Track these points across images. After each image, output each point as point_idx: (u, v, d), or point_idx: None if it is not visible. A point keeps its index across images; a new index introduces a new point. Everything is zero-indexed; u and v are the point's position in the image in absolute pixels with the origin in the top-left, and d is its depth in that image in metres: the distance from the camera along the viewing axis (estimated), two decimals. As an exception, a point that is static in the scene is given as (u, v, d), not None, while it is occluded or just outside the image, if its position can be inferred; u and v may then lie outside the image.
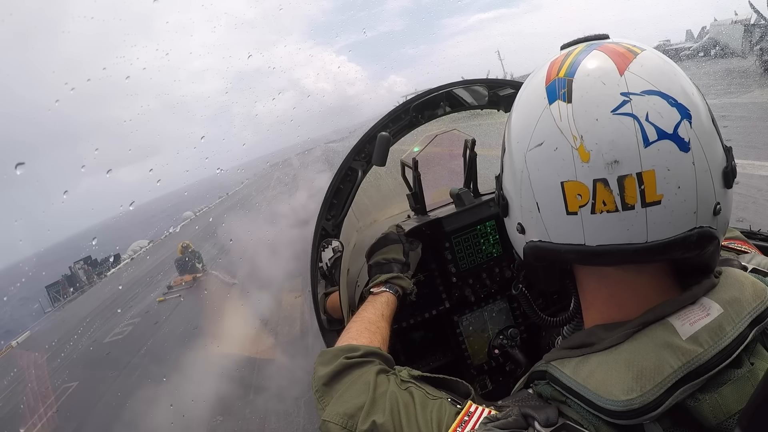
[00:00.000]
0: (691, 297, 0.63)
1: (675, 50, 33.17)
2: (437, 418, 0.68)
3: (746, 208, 6.41)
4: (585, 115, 0.59)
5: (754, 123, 11.51)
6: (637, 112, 0.57)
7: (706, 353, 0.57)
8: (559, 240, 0.64)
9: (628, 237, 0.58)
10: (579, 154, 0.58)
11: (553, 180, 0.61)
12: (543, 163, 0.62)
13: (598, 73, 0.61)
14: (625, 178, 0.57)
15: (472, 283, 1.68)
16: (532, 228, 0.68)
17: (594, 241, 0.60)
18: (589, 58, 0.63)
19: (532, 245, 0.68)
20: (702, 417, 0.57)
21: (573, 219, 0.60)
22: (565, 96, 0.61)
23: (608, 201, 0.58)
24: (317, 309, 1.44)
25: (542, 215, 0.64)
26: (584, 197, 0.59)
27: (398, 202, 1.99)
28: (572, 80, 0.62)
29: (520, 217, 0.70)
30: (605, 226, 0.59)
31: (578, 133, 0.59)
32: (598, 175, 0.58)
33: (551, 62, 0.68)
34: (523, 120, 0.67)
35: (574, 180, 0.59)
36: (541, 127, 0.63)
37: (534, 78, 0.70)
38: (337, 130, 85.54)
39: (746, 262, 0.79)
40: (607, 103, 0.58)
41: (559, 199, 0.61)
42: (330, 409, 0.79)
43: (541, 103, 0.64)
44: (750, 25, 24.46)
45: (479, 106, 1.55)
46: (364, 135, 1.46)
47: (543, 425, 0.59)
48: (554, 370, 0.65)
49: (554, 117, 0.61)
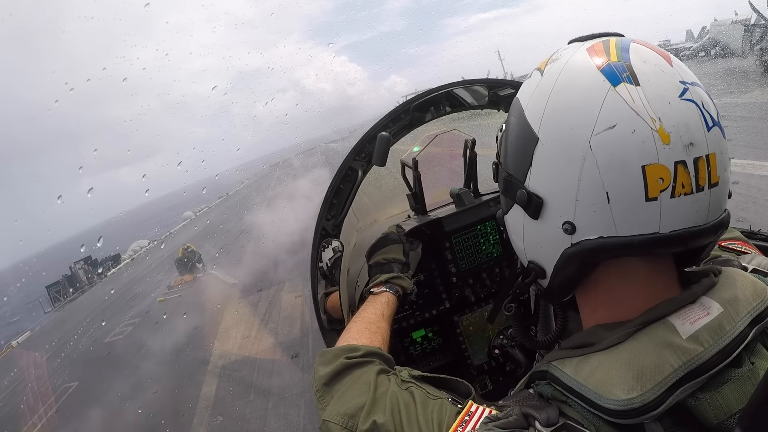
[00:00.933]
0: (691, 296, 0.63)
1: (675, 50, 33.17)
2: (438, 417, 0.68)
3: (746, 208, 6.41)
4: (658, 98, 0.58)
5: (754, 123, 11.51)
6: (696, 99, 0.59)
7: (707, 352, 0.57)
8: (630, 232, 0.59)
9: (695, 219, 0.60)
10: (660, 135, 0.57)
11: (633, 164, 0.57)
12: (618, 147, 0.58)
13: (654, 61, 0.61)
14: (699, 160, 0.58)
15: (473, 283, 1.68)
16: (592, 224, 0.61)
17: (668, 227, 0.59)
18: (634, 48, 0.63)
19: (591, 244, 0.61)
20: (702, 416, 0.57)
21: (651, 206, 0.58)
22: (630, 79, 0.59)
23: (686, 183, 0.58)
24: (317, 309, 1.44)
25: (612, 206, 0.59)
26: (666, 180, 0.57)
27: (398, 202, 1.99)
28: (631, 65, 0.60)
29: (571, 215, 0.62)
30: (680, 210, 0.58)
31: (656, 115, 0.57)
32: (678, 157, 0.57)
33: (587, 49, 0.65)
34: (576, 103, 0.61)
35: (656, 163, 0.57)
36: (609, 109, 0.58)
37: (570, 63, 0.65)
38: (338, 130, 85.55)
39: (746, 263, 0.79)
40: (674, 88, 0.59)
41: (639, 185, 0.57)
42: (330, 408, 0.79)
43: (601, 86, 0.60)
44: (750, 25, 24.47)
45: (479, 106, 1.56)
46: (365, 135, 1.46)
47: (544, 425, 0.59)
48: (555, 370, 0.65)
49: (625, 99, 0.58)
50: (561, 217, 0.63)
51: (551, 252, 0.67)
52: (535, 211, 0.66)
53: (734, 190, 0.66)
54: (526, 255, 0.74)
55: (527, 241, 0.72)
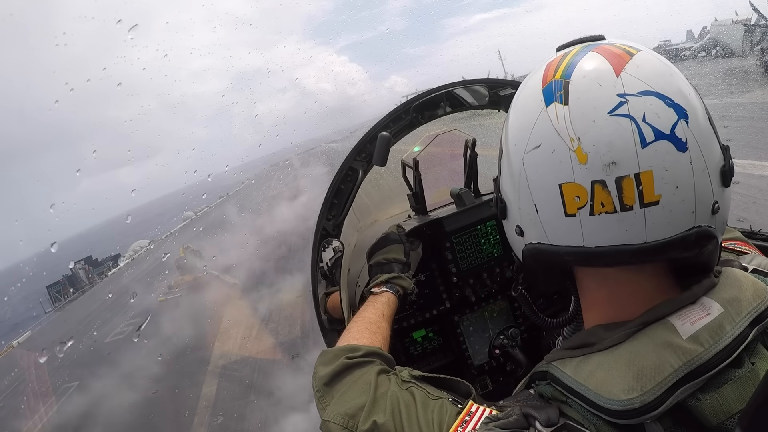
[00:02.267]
0: (691, 296, 0.63)
1: (676, 50, 33.18)
2: (438, 418, 0.68)
3: (747, 208, 6.41)
4: (582, 116, 0.59)
5: (755, 123, 11.51)
6: (634, 113, 0.57)
7: (707, 353, 0.57)
8: (558, 242, 0.64)
9: (627, 238, 0.59)
10: (576, 155, 0.59)
11: (551, 182, 0.61)
12: (541, 166, 0.62)
13: (594, 75, 0.61)
14: (623, 179, 0.57)
15: (473, 283, 1.68)
16: (531, 230, 0.68)
17: (593, 242, 0.60)
18: (585, 60, 0.64)
19: (531, 248, 0.68)
20: (703, 417, 0.57)
21: (572, 221, 0.61)
22: (562, 98, 0.61)
23: (606, 202, 0.58)
24: (318, 309, 1.44)
25: (541, 217, 0.64)
26: (582, 199, 0.59)
27: (399, 202, 1.99)
28: (569, 82, 0.62)
29: (519, 219, 0.70)
30: (604, 228, 0.59)
31: (575, 135, 0.59)
32: (596, 177, 0.58)
33: (547, 64, 0.68)
34: (520, 122, 0.67)
35: (572, 182, 0.59)
36: (538, 130, 0.63)
37: (530, 80, 0.70)
38: (338, 130, 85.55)
39: (747, 263, 0.79)
40: (604, 105, 0.58)
41: (558, 201, 0.61)
42: (331, 409, 0.79)
43: (537, 106, 0.64)
44: (750, 25, 24.47)
45: (480, 106, 1.56)
46: (365, 135, 1.46)
47: (544, 425, 0.59)
48: (555, 371, 0.65)
49: (551, 119, 0.61)
50: (515, 220, 0.72)
51: (517, 250, 0.76)
52: (502, 212, 0.76)
53: (734, 190, 0.65)
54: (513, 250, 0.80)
55: (509, 238, 0.79)
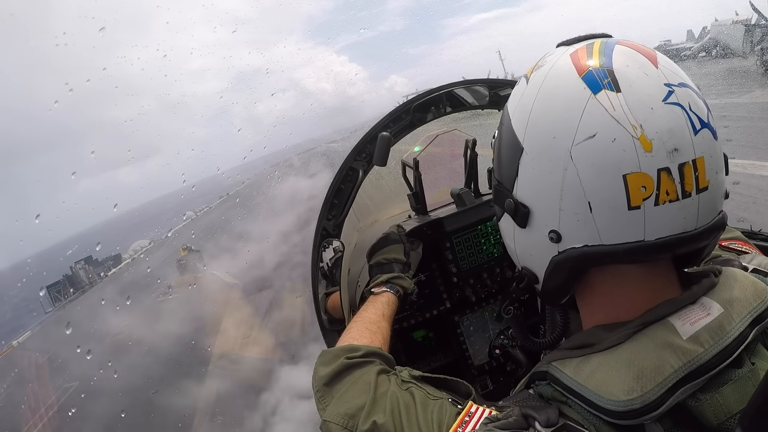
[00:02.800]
0: (692, 296, 0.63)
1: (676, 50, 33.16)
2: (438, 418, 0.68)
3: (747, 208, 6.41)
4: (639, 104, 0.57)
5: (755, 123, 11.51)
6: (682, 102, 0.58)
7: (707, 353, 0.57)
8: (614, 240, 0.59)
9: (683, 225, 0.58)
10: (641, 143, 0.56)
11: (613, 173, 0.57)
12: (598, 157, 0.57)
13: (637, 65, 0.60)
14: (685, 166, 0.57)
15: (473, 283, 1.68)
16: (577, 233, 0.61)
17: (653, 234, 0.58)
18: (618, 51, 0.62)
19: (576, 252, 0.62)
20: (703, 417, 0.57)
21: (634, 214, 0.57)
22: (611, 85, 0.58)
23: (671, 190, 0.57)
24: (318, 309, 1.44)
25: (595, 215, 0.59)
26: (648, 189, 0.56)
27: (399, 202, 1.99)
28: (612, 70, 0.59)
29: (556, 223, 0.62)
30: (666, 217, 0.58)
31: (637, 122, 0.56)
32: (662, 165, 0.56)
33: (571, 54, 0.64)
34: (557, 113, 0.61)
35: (637, 171, 0.56)
36: (589, 119, 0.58)
37: (553, 70, 0.65)
38: (338, 130, 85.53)
39: (747, 263, 0.79)
40: (657, 93, 0.58)
41: (621, 194, 0.57)
42: (331, 409, 0.79)
43: (581, 94, 0.59)
44: (751, 26, 24.46)
45: (480, 106, 1.56)
46: (365, 135, 1.46)
47: (544, 425, 0.59)
48: (555, 371, 0.65)
49: (605, 107, 0.57)
50: (547, 225, 0.64)
51: (540, 259, 0.68)
52: (522, 220, 0.67)
53: (734, 190, 0.66)
54: (519, 261, 0.75)
55: (518, 247, 0.72)
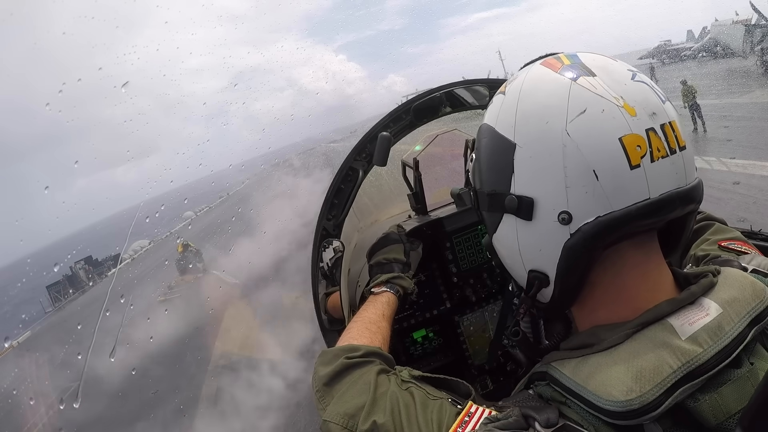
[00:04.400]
0: (690, 297, 0.63)
1: (676, 50, 33.18)
2: (438, 418, 0.68)
3: (747, 208, 6.40)
4: (614, 82, 0.65)
5: (755, 123, 11.50)
6: (646, 81, 0.67)
7: (706, 353, 0.57)
8: (624, 203, 0.61)
9: (677, 181, 0.64)
10: (626, 110, 0.63)
11: (611, 138, 0.62)
12: (593, 127, 0.62)
13: (601, 59, 0.69)
14: (665, 126, 0.64)
15: (473, 282, 1.68)
16: (586, 206, 0.62)
17: (656, 191, 0.63)
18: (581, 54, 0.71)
19: (590, 227, 0.62)
20: (702, 417, 0.57)
21: (636, 173, 0.62)
22: (587, 72, 0.66)
23: (660, 147, 0.63)
24: (318, 309, 1.44)
25: (602, 182, 0.61)
26: (643, 147, 0.62)
27: (399, 202, 1.99)
28: (583, 63, 0.68)
29: (564, 203, 0.63)
30: (663, 173, 0.63)
31: (617, 95, 0.64)
32: (647, 125, 0.63)
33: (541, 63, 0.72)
34: (545, 102, 0.66)
35: (630, 133, 0.62)
36: (576, 99, 0.64)
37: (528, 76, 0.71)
38: (338, 130, 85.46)
39: (746, 263, 0.79)
40: (626, 74, 0.67)
41: (621, 156, 0.61)
42: (331, 409, 0.79)
43: (564, 83, 0.66)
44: (751, 26, 24.46)
45: (480, 106, 1.56)
46: (365, 135, 1.47)
47: (543, 426, 0.59)
48: (554, 371, 0.65)
49: (587, 87, 0.65)
50: (555, 209, 0.64)
51: (552, 251, 0.66)
52: (527, 211, 0.67)
53: (734, 190, 0.66)
54: (525, 266, 0.72)
55: (523, 249, 0.70)
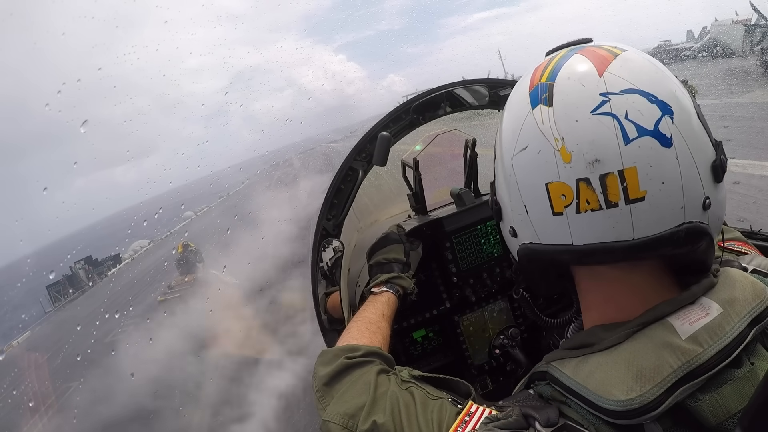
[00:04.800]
0: (691, 296, 0.63)
1: (676, 50, 33.19)
2: (438, 418, 0.68)
3: (747, 208, 6.40)
4: (565, 117, 0.61)
5: (755, 123, 11.51)
6: (616, 111, 0.59)
7: (706, 353, 0.57)
8: (549, 241, 0.65)
9: (615, 234, 0.60)
10: (561, 155, 0.60)
11: (539, 182, 0.63)
12: (528, 166, 0.64)
13: (578, 76, 0.63)
14: (607, 177, 0.58)
15: (473, 282, 1.68)
16: (523, 230, 0.69)
17: (581, 240, 0.62)
18: (569, 62, 0.66)
19: (525, 248, 0.70)
20: (702, 417, 0.57)
21: (559, 219, 0.62)
22: (547, 100, 0.64)
23: (591, 200, 0.59)
24: (318, 309, 1.44)
25: (531, 217, 0.66)
26: (568, 197, 0.60)
27: (399, 202, 1.99)
28: (553, 84, 0.64)
29: (512, 220, 0.71)
30: (591, 225, 0.60)
31: (559, 135, 0.61)
32: (580, 175, 0.59)
33: (535, 68, 0.70)
34: (509, 126, 0.69)
35: (557, 181, 0.61)
36: (525, 132, 0.65)
37: (519, 85, 0.72)
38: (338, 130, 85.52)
39: (746, 263, 0.79)
40: (587, 104, 0.60)
41: (545, 201, 0.63)
42: (331, 409, 0.79)
43: (524, 109, 0.66)
44: (751, 26, 24.47)
45: (480, 106, 1.56)
46: (365, 135, 1.47)
47: (544, 425, 0.59)
48: (554, 371, 0.65)
49: (536, 121, 0.64)
50: (508, 221, 0.73)
51: (513, 251, 0.77)
52: (497, 214, 0.78)
53: (734, 190, 0.66)
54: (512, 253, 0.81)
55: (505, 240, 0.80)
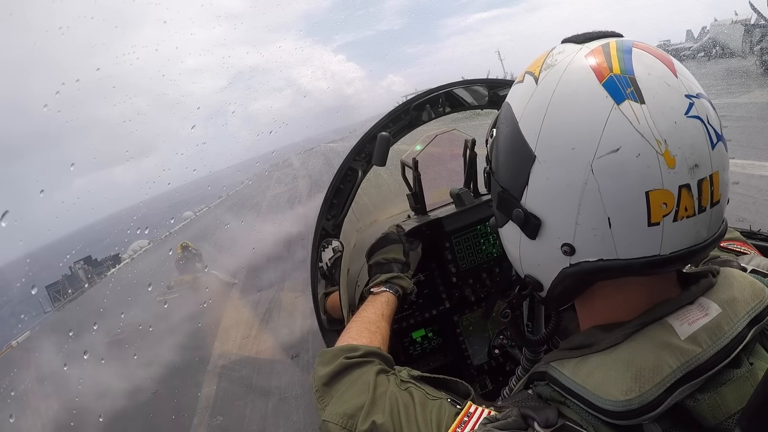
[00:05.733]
0: (690, 297, 0.63)
1: (675, 50, 33.17)
2: (437, 418, 0.68)
3: (746, 208, 6.40)
4: (663, 117, 0.55)
5: (754, 123, 11.51)
6: (701, 115, 0.57)
7: (705, 353, 0.57)
8: (630, 255, 0.58)
9: (695, 238, 0.59)
10: (665, 159, 0.54)
11: (636, 190, 0.55)
12: (622, 172, 0.55)
13: (658, 73, 0.57)
14: (703, 182, 0.56)
15: (472, 283, 1.68)
16: (592, 247, 0.59)
17: (668, 249, 0.57)
18: (637, 56, 0.59)
19: (590, 266, 0.60)
20: (701, 417, 0.57)
21: (653, 230, 0.56)
22: (635, 96, 0.56)
23: (689, 206, 0.56)
24: (317, 309, 1.44)
25: (614, 231, 0.57)
26: (669, 205, 0.55)
27: (398, 202, 1.99)
28: (635, 78, 0.57)
29: (571, 237, 0.60)
30: (682, 232, 0.57)
31: (661, 138, 0.54)
32: (683, 181, 0.55)
33: (586, 55, 0.60)
34: (576, 122, 0.58)
35: (660, 188, 0.55)
36: (613, 131, 0.55)
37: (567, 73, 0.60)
38: (337, 130, 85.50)
39: (745, 264, 0.79)
40: (679, 106, 0.56)
41: (642, 210, 0.55)
42: (330, 409, 0.79)
43: (603, 103, 0.56)
44: (750, 25, 24.47)
45: (479, 106, 1.56)
46: (364, 135, 1.47)
47: (542, 426, 0.59)
48: (553, 371, 0.65)
49: (630, 119, 0.55)
50: (560, 238, 0.61)
51: (549, 271, 0.66)
52: (532, 230, 0.64)
53: (734, 190, 0.66)
54: (523, 269, 0.73)
55: (524, 257, 0.70)
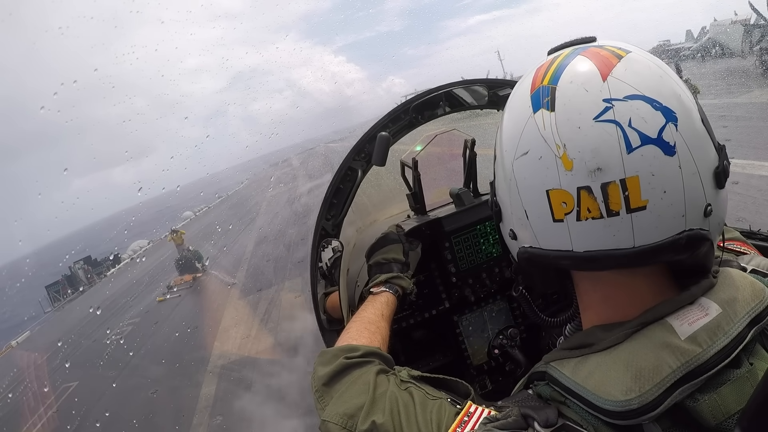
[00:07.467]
0: (690, 297, 0.63)
1: (675, 50, 33.22)
2: (437, 418, 0.68)
3: (746, 208, 6.41)
4: (568, 123, 0.60)
5: (754, 123, 11.52)
6: (620, 118, 0.58)
7: (705, 353, 0.57)
8: (548, 246, 0.65)
9: (615, 242, 0.59)
10: (562, 162, 0.59)
11: (539, 188, 0.62)
12: (529, 172, 0.64)
13: (581, 80, 0.61)
14: (609, 185, 0.57)
15: (472, 283, 1.68)
16: (523, 234, 0.69)
17: (581, 247, 0.61)
18: (572, 64, 0.64)
19: (524, 251, 0.70)
20: (701, 417, 0.57)
21: (560, 226, 0.62)
22: (549, 104, 0.62)
23: (593, 208, 0.59)
24: (317, 309, 1.44)
25: (531, 222, 0.66)
26: (569, 205, 0.60)
27: (398, 201, 1.99)
28: (555, 88, 0.63)
29: (512, 223, 0.71)
30: (591, 233, 0.60)
31: (561, 142, 0.60)
32: (581, 183, 0.59)
33: (537, 69, 0.69)
34: (510, 129, 0.68)
35: (558, 188, 0.60)
36: (526, 136, 0.64)
37: (520, 85, 0.70)
38: (337, 130, 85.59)
39: (745, 264, 0.79)
40: (590, 111, 0.59)
41: (546, 207, 0.62)
42: (330, 409, 0.79)
43: (526, 112, 0.65)
44: (750, 26, 24.51)
45: (479, 106, 1.56)
46: (364, 135, 1.47)
47: (542, 426, 0.59)
48: (553, 371, 0.65)
49: (538, 126, 0.62)
50: (508, 224, 0.73)
51: (513, 252, 0.77)
52: (497, 215, 0.78)
53: (734, 190, 0.65)
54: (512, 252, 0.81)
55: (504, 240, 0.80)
